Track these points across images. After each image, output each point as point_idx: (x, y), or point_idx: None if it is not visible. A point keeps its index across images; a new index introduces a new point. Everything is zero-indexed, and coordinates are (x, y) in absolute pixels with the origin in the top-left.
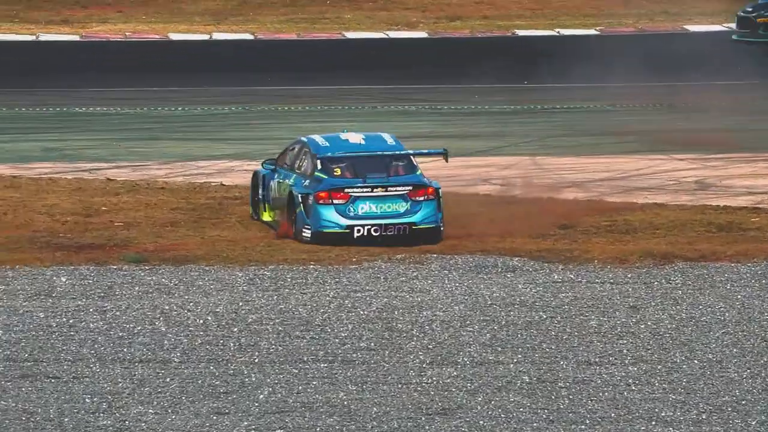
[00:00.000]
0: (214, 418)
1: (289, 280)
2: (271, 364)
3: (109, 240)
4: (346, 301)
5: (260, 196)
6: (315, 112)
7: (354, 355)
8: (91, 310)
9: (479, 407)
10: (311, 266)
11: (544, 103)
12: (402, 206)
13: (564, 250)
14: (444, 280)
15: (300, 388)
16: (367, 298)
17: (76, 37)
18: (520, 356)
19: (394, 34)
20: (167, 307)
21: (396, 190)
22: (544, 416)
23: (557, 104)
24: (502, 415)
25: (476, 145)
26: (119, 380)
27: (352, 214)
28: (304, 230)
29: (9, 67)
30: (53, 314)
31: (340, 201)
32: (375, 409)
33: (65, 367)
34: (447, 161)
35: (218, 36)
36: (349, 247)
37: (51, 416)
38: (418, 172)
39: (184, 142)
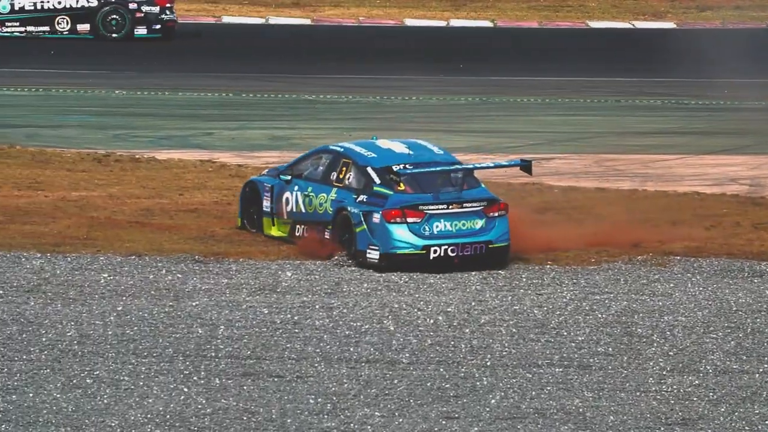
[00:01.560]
0: (443, 422)
1: (524, 280)
2: (504, 368)
3: None
4: (584, 304)
5: (266, 209)
6: (556, 105)
7: (591, 360)
8: (317, 306)
9: (722, 418)
10: (548, 266)
11: None
12: (477, 223)
13: None
14: (687, 284)
15: (533, 393)
16: (606, 301)
17: (306, 21)
18: (766, 365)
19: (640, 24)
20: (396, 306)
21: (471, 207)
22: None
23: None
24: (746, 428)
25: (723, 143)
26: (345, 381)
27: (427, 233)
28: (369, 251)
29: (237, 51)
30: (277, 310)
31: (415, 219)
32: (611, 417)
33: (289, 365)
34: (531, 174)
35: (455, 23)
36: (588, 247)
37: (273, 416)
38: (482, 186)
39: (417, 133)
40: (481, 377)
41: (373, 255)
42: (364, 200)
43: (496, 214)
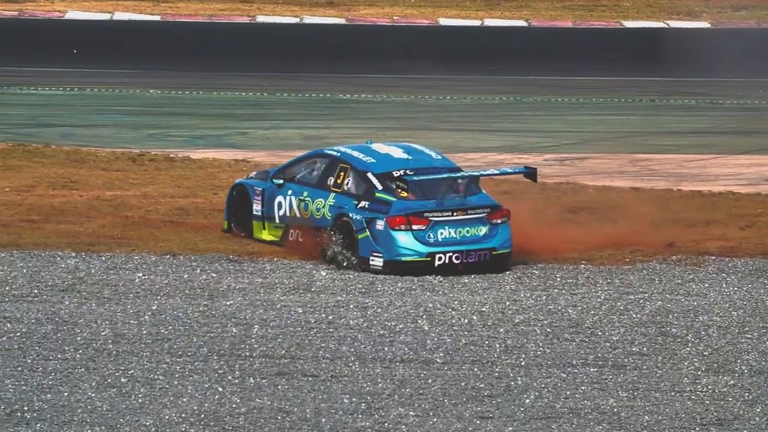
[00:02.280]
0: (477, 422)
1: (558, 279)
2: (538, 368)
3: None
4: (618, 303)
5: (257, 212)
6: (590, 104)
7: (625, 360)
8: (351, 306)
9: (757, 419)
10: (582, 266)
11: None
12: (481, 230)
13: None
14: (722, 284)
15: (568, 393)
16: (641, 301)
17: (341, 21)
18: None
19: (674, 24)
20: (431, 305)
21: (476, 214)
22: None
23: None
24: None
25: (758, 143)
26: (379, 380)
27: (431, 240)
28: (373, 258)
29: (270, 50)
30: (312, 310)
31: (420, 227)
32: (646, 417)
33: (323, 365)
34: (536, 181)
35: (490, 22)
36: (622, 246)
37: (307, 416)
38: (483, 192)
39: (451, 133)
40: (516, 377)
41: (377, 262)
42: (366, 206)
43: (499, 221)
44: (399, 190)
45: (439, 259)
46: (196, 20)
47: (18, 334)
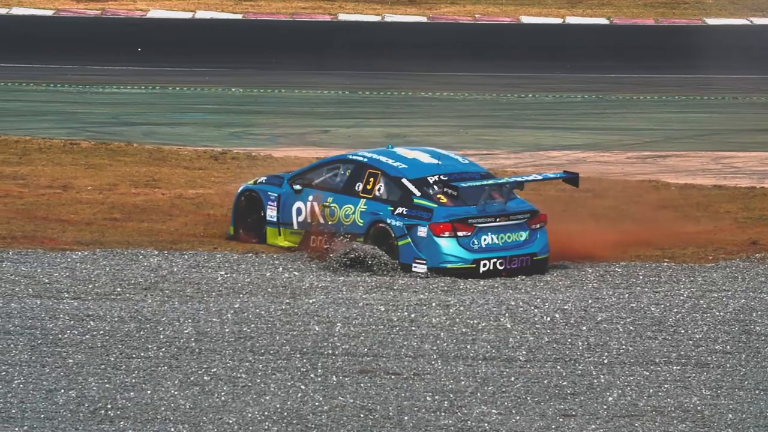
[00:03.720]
0: (560, 420)
1: (641, 277)
2: (621, 365)
3: None
4: (701, 301)
5: (271, 219)
6: (672, 102)
7: (708, 357)
8: (433, 304)
9: None
10: (665, 264)
11: None
12: (522, 236)
13: None
14: None
15: (651, 391)
16: (724, 299)
17: (422, 18)
18: None
19: (758, 21)
20: (513, 303)
21: (516, 219)
22: None
23: None
24: None
25: None
26: (462, 378)
27: (475, 247)
28: (415, 265)
29: (352, 47)
30: (394, 308)
31: (465, 233)
32: (730, 415)
33: (406, 363)
34: (577, 186)
35: (571, 20)
36: (705, 245)
37: (390, 414)
38: (518, 197)
39: (533, 131)
40: (598, 375)
41: (420, 269)
42: (404, 213)
43: (538, 226)
44: (438, 196)
45: (484, 265)
46: (277, 18)
47: (101, 332)
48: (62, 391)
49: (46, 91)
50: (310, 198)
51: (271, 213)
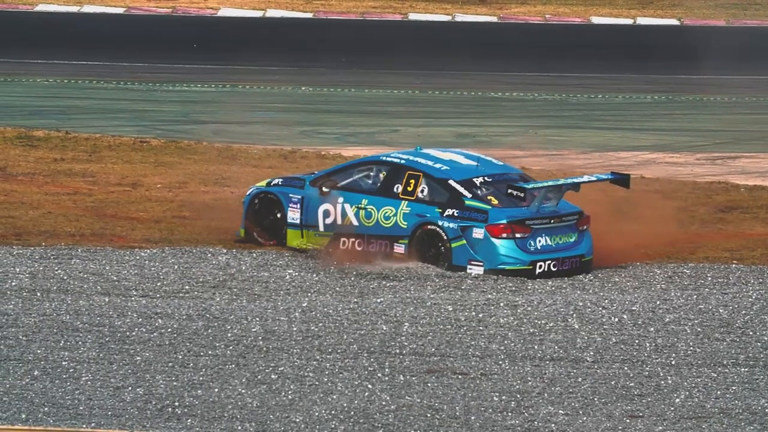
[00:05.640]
0: (627, 421)
1: (709, 279)
2: (689, 367)
3: None
4: None
5: (293, 221)
6: (742, 103)
7: None
8: (501, 304)
9: None
10: (734, 265)
11: None
12: (572, 237)
13: None
14: None
15: (718, 392)
16: None
17: (493, 19)
18: None
19: None
20: (581, 304)
21: (568, 220)
22: None
23: None
24: None
25: None
26: (529, 378)
27: (532, 248)
28: (471, 267)
29: (421, 47)
30: (462, 308)
31: (523, 234)
32: None
33: (473, 363)
34: (628, 187)
35: (642, 21)
36: None
37: (457, 413)
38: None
39: (603, 131)
40: (666, 376)
41: (477, 270)
42: (455, 214)
43: (585, 228)
44: (489, 197)
45: (540, 267)
46: (348, 18)
47: (169, 330)
48: (130, 388)
49: (117, 88)
50: (340, 200)
51: (293, 215)
